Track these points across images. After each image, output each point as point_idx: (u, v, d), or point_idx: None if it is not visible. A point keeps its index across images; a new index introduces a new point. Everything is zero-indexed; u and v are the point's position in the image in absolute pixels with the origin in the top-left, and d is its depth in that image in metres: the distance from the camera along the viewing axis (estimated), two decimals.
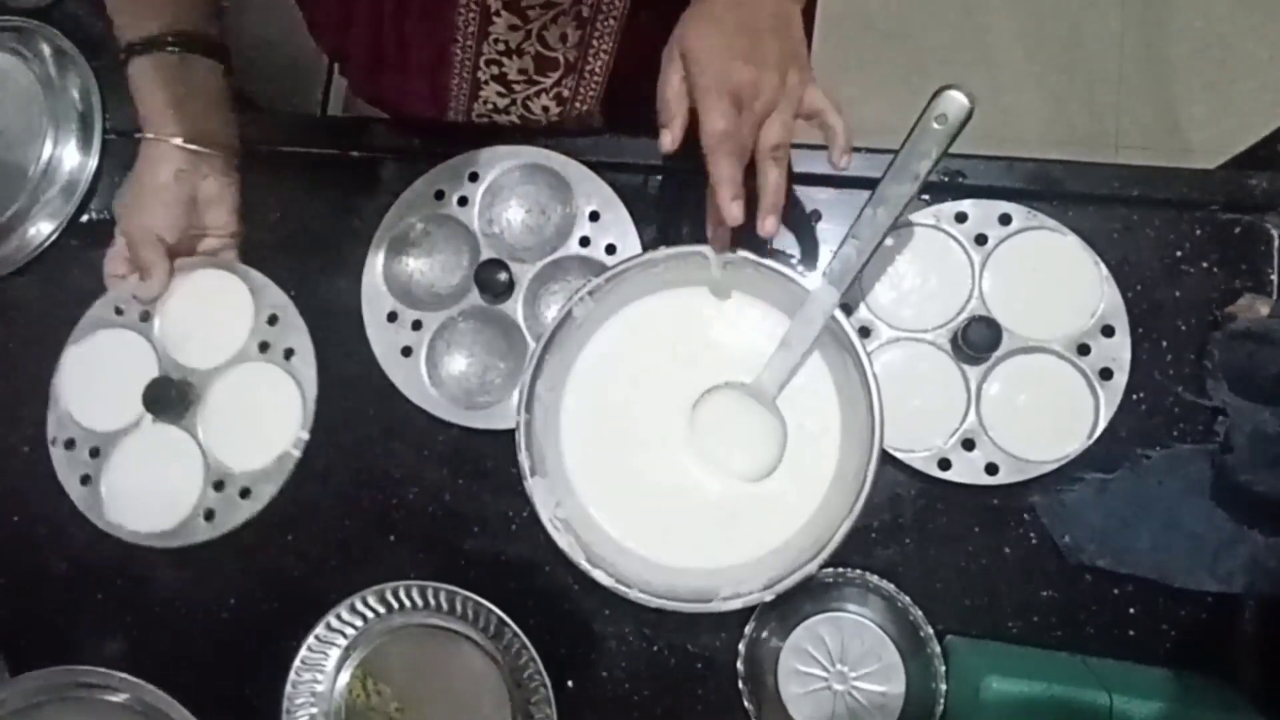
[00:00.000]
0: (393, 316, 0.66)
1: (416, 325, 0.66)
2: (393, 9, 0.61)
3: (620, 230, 0.66)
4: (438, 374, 0.66)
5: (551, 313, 0.64)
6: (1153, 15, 1.50)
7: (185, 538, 0.64)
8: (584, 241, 0.66)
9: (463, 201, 0.67)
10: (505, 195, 0.68)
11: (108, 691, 0.63)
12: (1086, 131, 1.48)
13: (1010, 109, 1.48)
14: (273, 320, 0.66)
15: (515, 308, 0.66)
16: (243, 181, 0.68)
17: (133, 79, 0.62)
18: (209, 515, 0.64)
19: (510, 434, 0.58)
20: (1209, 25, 1.48)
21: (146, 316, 0.67)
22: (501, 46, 0.62)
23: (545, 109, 0.68)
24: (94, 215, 0.74)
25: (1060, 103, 1.50)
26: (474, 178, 0.67)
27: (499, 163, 0.67)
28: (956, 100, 0.51)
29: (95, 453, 0.65)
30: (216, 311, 0.66)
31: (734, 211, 0.51)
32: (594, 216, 0.66)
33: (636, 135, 0.67)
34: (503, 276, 0.64)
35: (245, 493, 0.64)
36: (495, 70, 0.64)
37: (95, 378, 0.67)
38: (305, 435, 0.64)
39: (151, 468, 0.64)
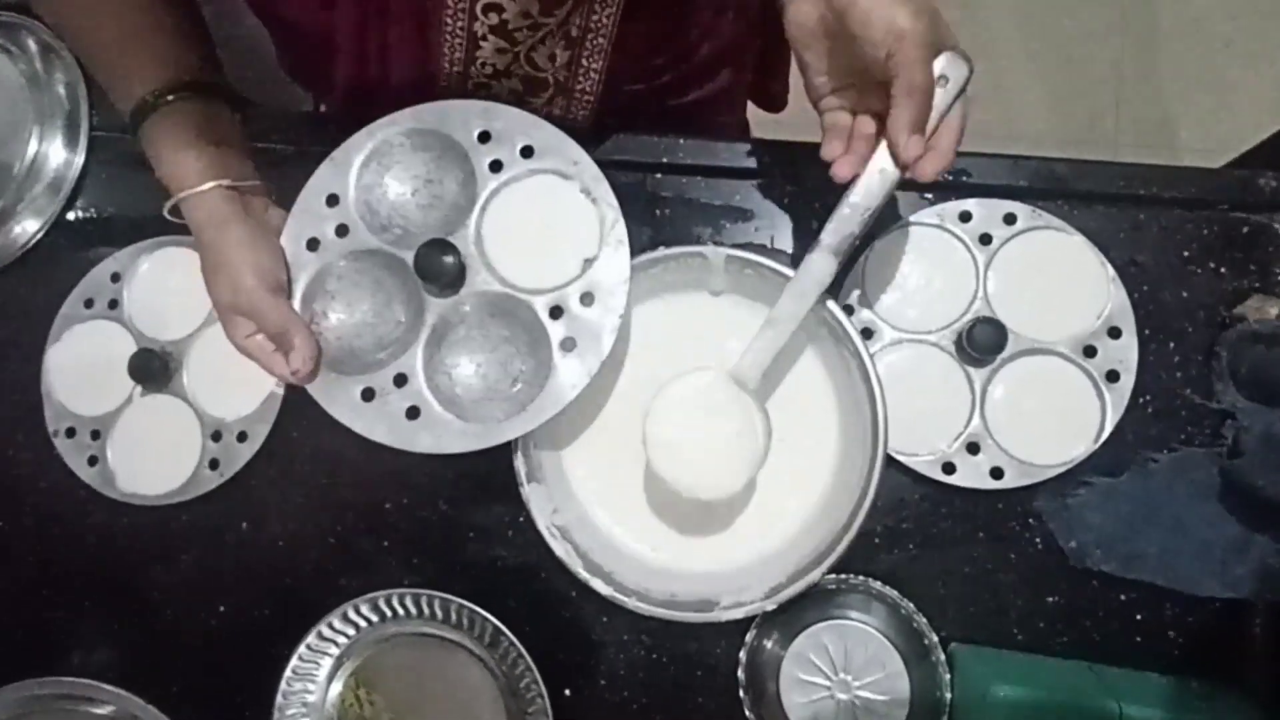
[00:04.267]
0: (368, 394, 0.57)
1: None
2: (375, 38, 0.59)
3: (565, 152, 0.56)
4: None
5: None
6: (1151, 13, 1.49)
7: (197, 488, 0.66)
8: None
9: (341, 231, 0.57)
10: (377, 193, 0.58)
11: (92, 704, 0.61)
12: (1085, 129, 1.47)
13: (1009, 105, 1.48)
14: None
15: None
16: None
17: (149, 142, 0.55)
18: (214, 464, 0.66)
19: None
20: (1207, 24, 1.47)
21: (115, 304, 0.69)
22: (490, 70, 0.60)
23: None
24: (80, 213, 0.72)
25: (1059, 100, 1.49)
26: (332, 201, 0.58)
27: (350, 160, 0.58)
28: (956, 62, 0.48)
29: (96, 435, 0.67)
30: (179, 283, 0.68)
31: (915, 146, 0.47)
32: (526, 153, 0.56)
33: (633, 133, 0.66)
34: (449, 260, 0.55)
35: (242, 436, 0.66)
36: (484, 94, 0.62)
37: (80, 369, 0.69)
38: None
39: (152, 435, 0.67)
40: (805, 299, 0.53)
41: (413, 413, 0.54)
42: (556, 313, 0.54)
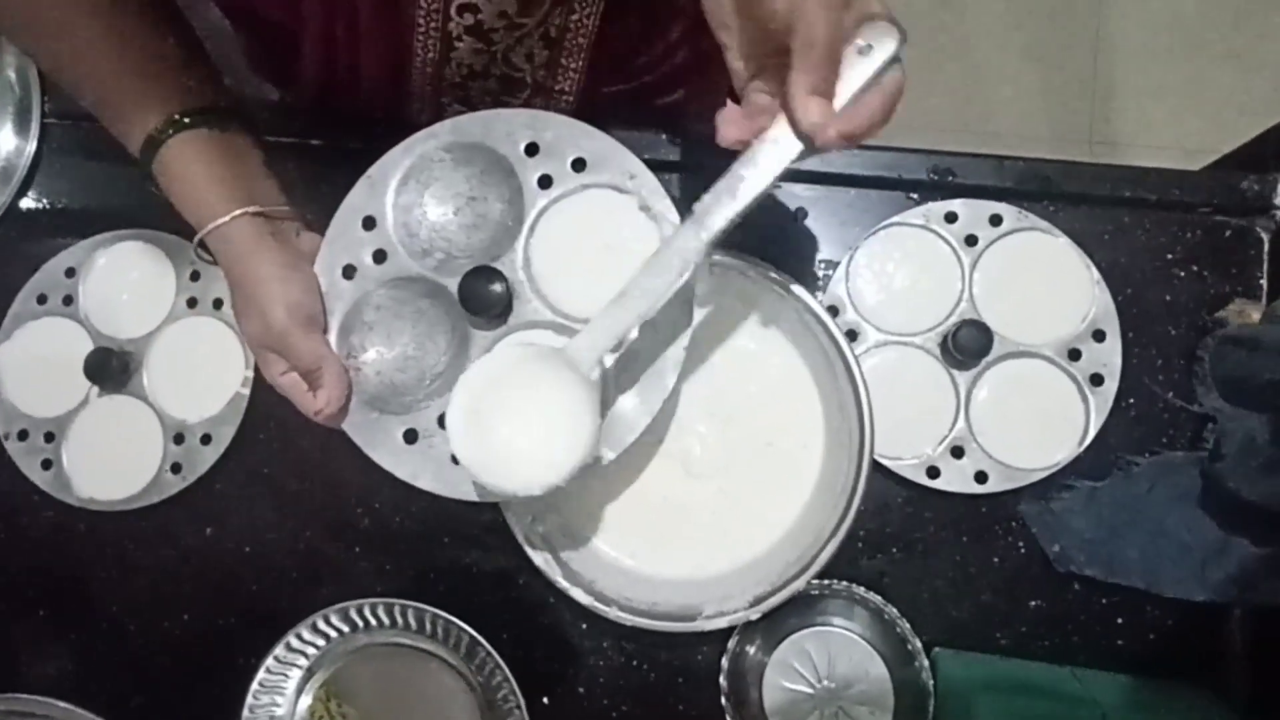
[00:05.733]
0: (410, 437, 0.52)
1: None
2: (345, 40, 0.56)
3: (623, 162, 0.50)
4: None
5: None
6: (1129, 13, 1.50)
7: (159, 493, 0.63)
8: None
9: (379, 257, 0.52)
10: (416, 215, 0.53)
11: None
12: (1062, 127, 1.48)
13: (987, 102, 1.48)
14: (195, 276, 0.66)
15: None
16: None
17: (167, 173, 0.50)
18: (176, 468, 0.63)
19: None
20: (1182, 25, 1.49)
21: (70, 300, 0.66)
22: (465, 70, 0.57)
23: None
24: (32, 204, 0.69)
25: (1035, 98, 1.50)
26: (369, 224, 0.52)
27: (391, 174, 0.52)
28: (882, 30, 0.42)
29: (50, 437, 0.65)
30: (137, 279, 0.66)
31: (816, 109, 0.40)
32: (578, 165, 0.51)
33: (615, 129, 0.64)
34: (496, 289, 0.50)
35: (206, 439, 0.63)
36: (459, 94, 0.60)
37: (32, 368, 0.66)
38: (250, 373, 0.64)
39: (110, 438, 0.65)
40: (665, 274, 0.44)
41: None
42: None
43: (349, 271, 0.52)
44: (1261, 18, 1.47)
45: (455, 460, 0.47)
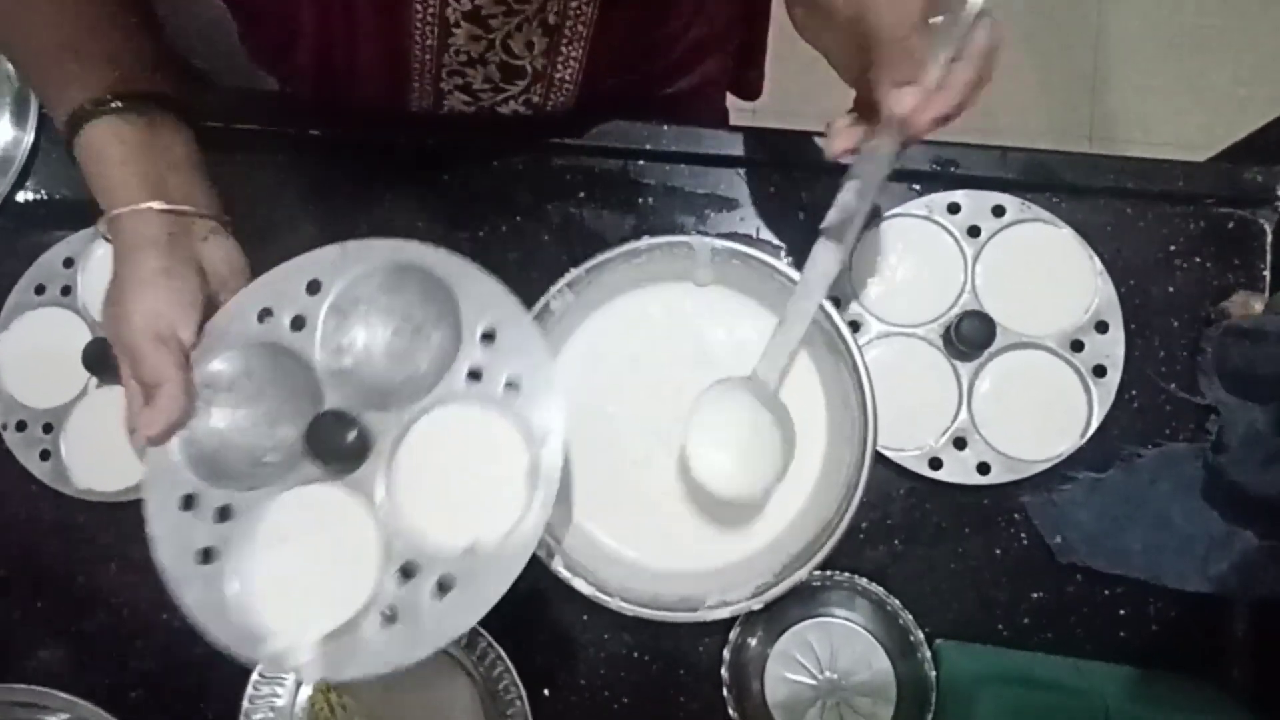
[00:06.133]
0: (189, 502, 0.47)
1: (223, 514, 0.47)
2: (342, 26, 0.56)
3: (526, 357, 0.47)
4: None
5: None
6: (1129, 8, 1.50)
7: None
8: (473, 375, 0.47)
9: (298, 324, 0.48)
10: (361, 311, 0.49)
11: (45, 712, 0.58)
12: (1061, 122, 1.48)
13: (986, 98, 1.48)
14: None
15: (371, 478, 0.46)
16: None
17: (85, 153, 0.49)
18: None
19: None
20: (1182, 22, 1.49)
21: (68, 290, 0.65)
22: (464, 57, 0.57)
23: (516, 113, 0.64)
24: (31, 195, 0.68)
25: (1035, 93, 1.49)
26: (313, 288, 0.49)
27: (350, 267, 0.48)
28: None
29: (48, 428, 0.64)
30: None
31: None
32: (487, 338, 0.47)
33: (615, 118, 0.64)
34: (351, 436, 0.46)
35: None
36: (459, 80, 0.60)
37: (30, 359, 0.65)
38: None
39: (108, 429, 0.62)
40: (813, 296, 0.52)
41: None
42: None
43: (263, 316, 0.49)
44: (1261, 13, 1.47)
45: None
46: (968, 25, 0.42)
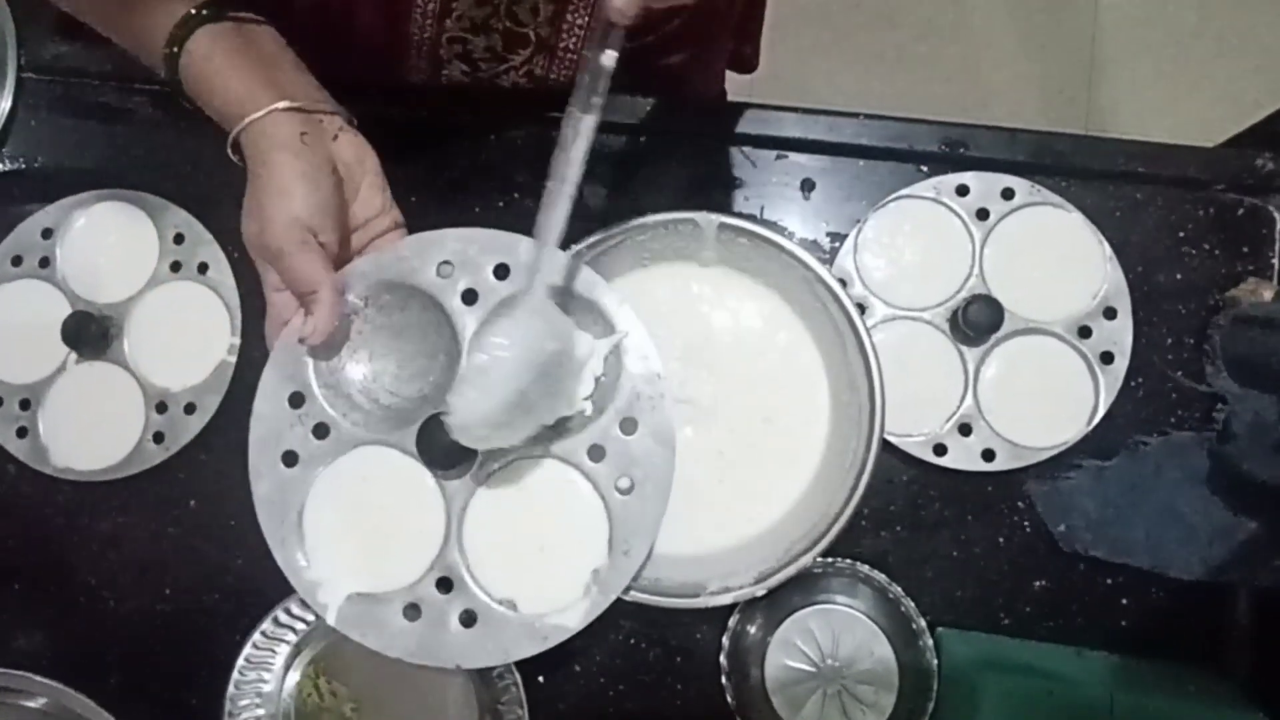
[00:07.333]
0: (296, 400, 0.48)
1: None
2: None
3: (653, 469, 0.48)
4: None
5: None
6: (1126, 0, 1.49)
7: (139, 464, 0.61)
8: (597, 450, 0.48)
9: (469, 297, 0.48)
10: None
11: (23, 696, 0.57)
12: (1058, 114, 1.48)
13: (984, 89, 1.47)
14: (179, 239, 0.63)
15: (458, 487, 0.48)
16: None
17: (195, 70, 0.47)
18: (158, 438, 0.61)
19: None
20: (1179, 14, 1.48)
21: (46, 262, 0.64)
22: (466, 24, 0.55)
23: (516, 85, 0.62)
24: (7, 163, 0.66)
25: (1032, 85, 1.49)
26: (500, 272, 0.48)
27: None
28: None
29: (26, 405, 0.63)
30: (117, 241, 0.64)
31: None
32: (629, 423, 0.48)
33: (617, 93, 0.62)
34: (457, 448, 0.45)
35: (190, 408, 0.61)
36: (459, 49, 0.58)
37: (7, 333, 0.64)
38: (237, 340, 0.62)
39: (89, 406, 0.62)
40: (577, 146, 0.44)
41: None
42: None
43: (441, 269, 0.48)
44: (1259, 6, 1.47)
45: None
46: None
